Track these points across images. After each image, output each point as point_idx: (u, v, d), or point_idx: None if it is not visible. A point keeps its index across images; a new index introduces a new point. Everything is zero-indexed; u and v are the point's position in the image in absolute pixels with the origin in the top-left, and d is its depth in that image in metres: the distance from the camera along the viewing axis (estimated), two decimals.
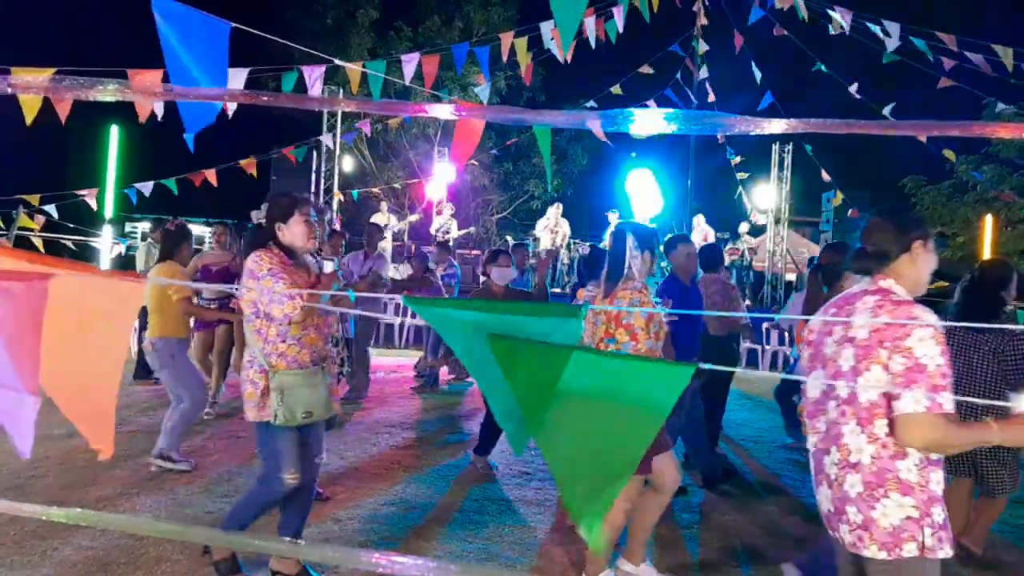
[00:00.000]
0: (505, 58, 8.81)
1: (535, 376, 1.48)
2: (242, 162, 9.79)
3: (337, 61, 4.41)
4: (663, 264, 5.37)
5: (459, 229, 14.45)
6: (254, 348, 3.17)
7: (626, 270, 3.38)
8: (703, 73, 12.45)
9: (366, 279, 6.46)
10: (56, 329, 1.62)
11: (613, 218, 14.51)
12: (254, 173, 9.93)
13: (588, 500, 1.49)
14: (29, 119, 4.30)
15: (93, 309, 1.69)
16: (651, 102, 12.06)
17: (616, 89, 11.87)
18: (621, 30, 9.63)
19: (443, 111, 2.16)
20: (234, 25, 2.24)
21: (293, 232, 3.23)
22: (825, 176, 13.53)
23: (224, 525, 3.31)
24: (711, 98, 13.17)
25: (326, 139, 13.19)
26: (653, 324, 3.39)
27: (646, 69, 11.82)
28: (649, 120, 1.31)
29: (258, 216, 3.30)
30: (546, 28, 8.90)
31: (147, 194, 9.93)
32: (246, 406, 3.22)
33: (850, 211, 13.14)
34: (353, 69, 6.89)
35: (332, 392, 3.33)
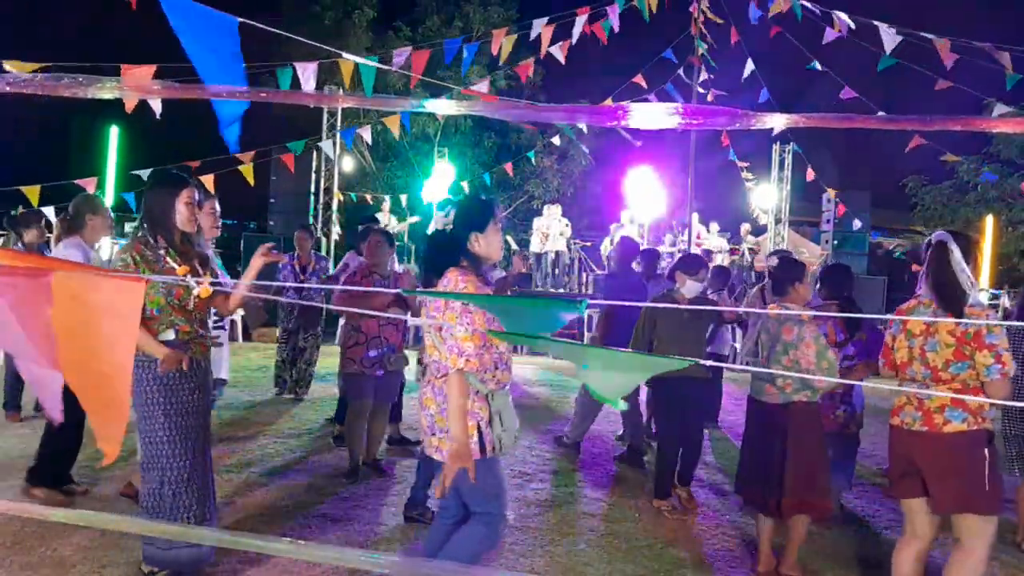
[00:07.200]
0: (500, 55, 8.82)
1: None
2: (241, 167, 9.78)
3: (346, 55, 4.38)
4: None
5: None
6: (468, 376, 2.71)
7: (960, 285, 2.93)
8: (702, 75, 12.48)
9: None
10: (64, 320, 1.72)
11: (626, 217, 14.49)
12: (250, 180, 9.93)
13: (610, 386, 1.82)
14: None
15: (96, 304, 1.73)
16: (652, 96, 12.09)
17: (608, 102, 11.89)
18: (616, 29, 9.63)
19: (442, 106, 2.16)
20: (241, 20, 2.21)
21: (489, 242, 2.87)
22: (811, 174, 13.58)
23: None
24: (710, 98, 13.20)
25: (326, 146, 13.17)
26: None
27: (640, 80, 11.87)
28: (650, 114, 1.30)
29: (444, 222, 3.07)
30: (543, 29, 8.91)
31: None
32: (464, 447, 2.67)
33: (837, 205, 13.24)
34: (347, 61, 6.83)
35: None
